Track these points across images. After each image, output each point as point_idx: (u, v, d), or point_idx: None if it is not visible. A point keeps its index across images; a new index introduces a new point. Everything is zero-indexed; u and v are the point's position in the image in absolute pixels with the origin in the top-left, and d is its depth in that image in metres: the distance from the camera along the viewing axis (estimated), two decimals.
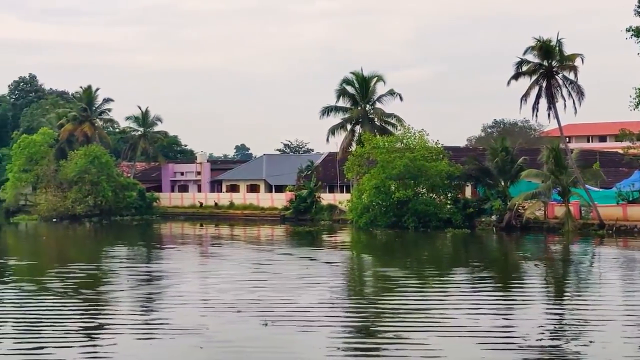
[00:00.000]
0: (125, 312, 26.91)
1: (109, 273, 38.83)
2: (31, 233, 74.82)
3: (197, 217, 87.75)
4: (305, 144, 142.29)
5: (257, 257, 45.83)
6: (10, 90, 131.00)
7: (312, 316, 25.52)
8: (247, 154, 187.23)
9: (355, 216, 67.08)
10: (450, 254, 51.67)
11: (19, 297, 30.28)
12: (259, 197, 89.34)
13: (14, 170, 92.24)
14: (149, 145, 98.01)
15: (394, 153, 65.93)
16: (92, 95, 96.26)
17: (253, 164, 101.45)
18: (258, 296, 29.15)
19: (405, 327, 23.59)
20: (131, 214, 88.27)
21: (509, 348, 21.10)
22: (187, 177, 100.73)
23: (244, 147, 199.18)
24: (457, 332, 22.78)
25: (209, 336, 22.33)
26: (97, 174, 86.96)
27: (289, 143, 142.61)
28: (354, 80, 76.03)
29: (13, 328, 24.37)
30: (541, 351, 20.97)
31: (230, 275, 35.91)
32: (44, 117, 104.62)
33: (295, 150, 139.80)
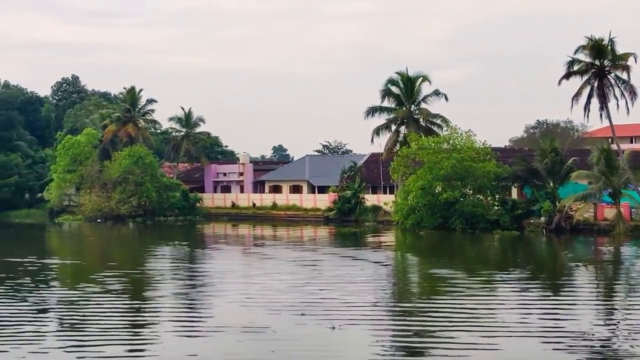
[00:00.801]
0: (187, 312, 27.31)
1: (163, 273, 39.28)
2: (78, 233, 75.83)
3: (240, 217, 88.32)
4: (344, 145, 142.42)
5: (308, 258, 46.09)
6: (53, 92, 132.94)
7: (375, 318, 25.65)
8: (285, 154, 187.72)
9: (401, 217, 67.07)
10: (502, 255, 51.35)
11: (79, 297, 30.87)
12: (302, 197, 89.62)
13: (59, 170, 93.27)
14: (191, 146, 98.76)
15: (441, 154, 65.79)
16: (136, 96, 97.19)
17: (295, 164, 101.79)
18: (319, 297, 29.30)
19: (468, 328, 23.68)
20: (174, 214, 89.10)
21: (561, 348, 21.29)
22: (229, 178, 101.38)
23: (282, 147, 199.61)
24: (513, 332, 23.07)
25: (278, 338, 22.42)
26: (141, 175, 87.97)
27: (328, 144, 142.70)
28: (399, 81, 76.03)
29: (75, 326, 24.96)
30: (603, 352, 20.97)
31: (285, 276, 36.18)
32: (87, 118, 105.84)
33: (334, 151, 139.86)
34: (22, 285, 34.64)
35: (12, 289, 33.12)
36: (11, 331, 23.90)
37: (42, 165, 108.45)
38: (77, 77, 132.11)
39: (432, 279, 35.93)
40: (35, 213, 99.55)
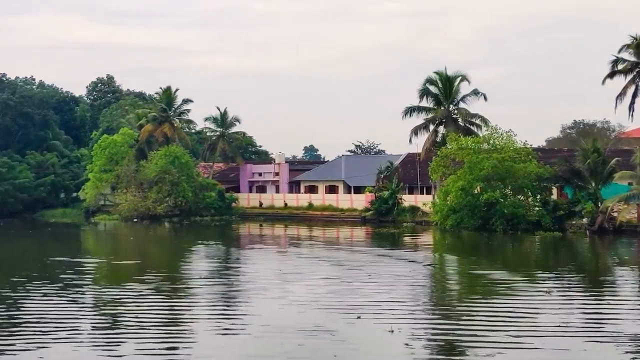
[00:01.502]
0: (239, 312, 27.43)
1: (208, 273, 39.58)
2: (116, 233, 76.46)
3: (276, 217, 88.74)
4: (377, 145, 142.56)
5: (351, 259, 46.16)
6: (89, 91, 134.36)
7: (428, 320, 25.78)
8: (316, 154, 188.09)
9: (441, 218, 67.04)
10: (544, 256, 51.08)
11: (130, 296, 31.25)
12: (338, 198, 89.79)
13: (95, 170, 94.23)
14: (227, 146, 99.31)
15: (482, 154, 65.65)
16: (172, 95, 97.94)
17: (331, 164, 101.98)
18: (370, 299, 29.39)
19: (521, 329, 23.71)
20: (210, 214, 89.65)
21: (603, 349, 21.51)
22: (265, 178, 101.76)
23: (313, 148, 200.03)
24: (555, 333, 23.23)
25: (337, 340, 22.46)
26: (177, 174, 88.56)
27: (361, 144, 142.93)
28: (437, 80, 76.04)
29: (129, 325, 25.30)
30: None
31: (331, 277, 36.36)
32: (123, 118, 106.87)
33: (367, 151, 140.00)
34: (76, 284, 35.20)
35: (66, 287, 33.64)
36: (69, 329, 24.34)
37: (77, 164, 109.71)
38: (112, 77, 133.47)
39: (478, 280, 35.87)
40: (71, 212, 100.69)
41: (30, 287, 33.63)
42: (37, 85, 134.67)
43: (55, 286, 34.06)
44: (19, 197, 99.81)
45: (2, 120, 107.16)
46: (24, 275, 37.71)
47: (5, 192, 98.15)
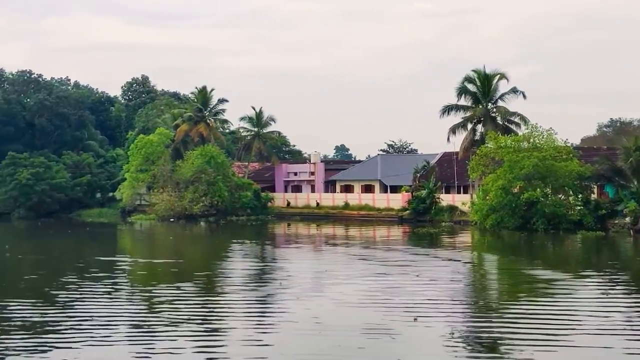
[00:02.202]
0: (296, 311, 27.45)
1: (256, 272, 39.89)
2: (155, 233, 77.00)
3: (312, 217, 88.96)
4: (409, 144, 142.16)
5: (395, 258, 46.12)
6: (124, 92, 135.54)
7: (484, 323, 25.65)
8: (347, 154, 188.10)
9: (481, 217, 66.78)
10: (587, 256, 50.70)
11: (180, 296, 31.57)
12: (375, 197, 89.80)
13: (131, 170, 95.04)
14: (262, 145, 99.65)
15: (522, 152, 65.31)
16: (207, 95, 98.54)
17: (367, 164, 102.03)
18: (422, 299, 29.49)
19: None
20: (246, 214, 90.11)
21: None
22: (300, 178, 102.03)
23: (344, 147, 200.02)
24: (597, 332, 23.38)
25: (399, 341, 22.47)
26: (213, 174, 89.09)
27: (393, 143, 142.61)
28: (475, 78, 75.77)
29: (186, 326, 25.58)
30: None
31: (378, 276, 36.43)
32: (159, 118, 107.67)
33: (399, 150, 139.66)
34: (126, 284, 35.66)
35: (117, 288, 34.06)
36: (124, 330, 24.74)
37: (112, 164, 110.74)
38: (146, 77, 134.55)
39: (525, 280, 35.72)
40: (107, 212, 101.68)
41: (81, 287, 34.09)
42: (72, 85, 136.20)
43: (105, 286, 34.49)
44: (56, 197, 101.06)
45: (39, 120, 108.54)
46: (72, 276, 38.28)
47: (43, 192, 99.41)
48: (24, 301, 30.12)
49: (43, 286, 34.48)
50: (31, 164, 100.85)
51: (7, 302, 29.83)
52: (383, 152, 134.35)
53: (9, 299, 30.53)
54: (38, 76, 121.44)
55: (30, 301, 30.07)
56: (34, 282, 36.92)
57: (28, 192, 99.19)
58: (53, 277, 37.77)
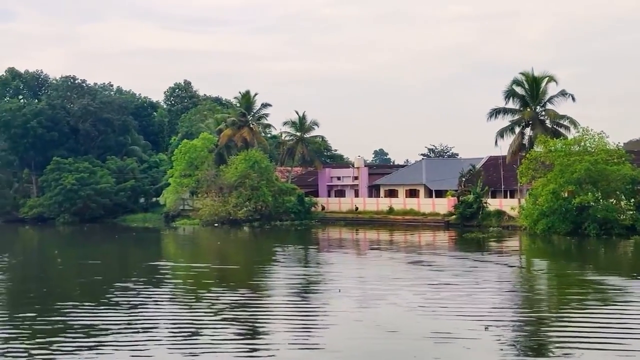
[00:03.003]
0: (360, 319, 27.32)
1: (314, 277, 39.97)
2: (202, 238, 77.40)
3: (357, 222, 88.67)
4: (450, 148, 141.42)
5: (450, 263, 45.95)
6: (166, 97, 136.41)
7: (551, 331, 25.36)
8: (386, 158, 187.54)
9: (531, 222, 65.94)
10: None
11: (257, 301, 31.75)
12: (420, 202, 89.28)
13: (175, 175, 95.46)
14: (306, 150, 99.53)
15: (573, 156, 64.42)
16: (251, 100, 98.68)
17: (411, 168, 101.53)
18: (489, 307, 29.29)
19: None
20: (290, 219, 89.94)
21: None
22: (344, 182, 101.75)
23: (382, 151, 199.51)
24: None
25: (477, 352, 22.29)
26: (257, 179, 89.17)
27: (433, 147, 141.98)
28: (523, 81, 74.95)
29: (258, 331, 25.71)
30: None
31: (440, 282, 36.30)
32: (202, 123, 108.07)
33: (440, 154, 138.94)
34: (185, 289, 35.86)
35: (176, 292, 34.28)
36: (188, 335, 24.96)
37: (155, 169, 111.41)
38: (189, 83, 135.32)
39: (586, 286, 35.21)
40: (151, 217, 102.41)
41: (141, 292, 34.43)
42: (114, 91, 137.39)
43: (165, 291, 34.84)
44: (100, 202, 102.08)
45: (83, 126, 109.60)
46: (130, 281, 38.69)
47: (87, 197, 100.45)
48: (87, 305, 30.52)
49: (102, 291, 34.86)
50: (76, 169, 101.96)
51: (69, 306, 30.31)
52: (424, 157, 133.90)
53: (71, 304, 31.00)
54: (82, 81, 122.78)
55: (92, 305, 30.48)
56: (92, 286, 37.47)
57: (73, 197, 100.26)
58: (111, 282, 38.21)
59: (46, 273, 44.80)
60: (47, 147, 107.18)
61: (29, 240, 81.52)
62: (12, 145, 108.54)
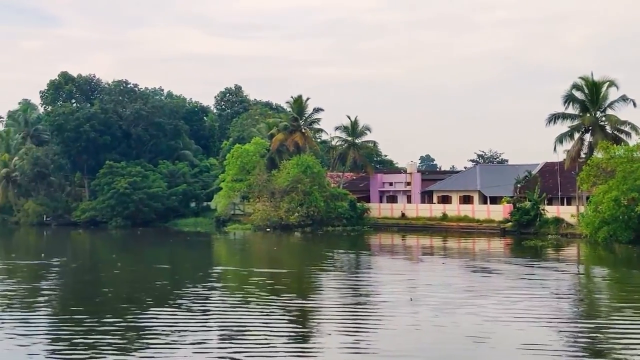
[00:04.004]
0: (451, 327, 27.07)
1: (380, 285, 39.65)
2: (255, 242, 77.52)
3: (410, 228, 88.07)
4: (500, 154, 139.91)
5: (519, 271, 45.32)
6: (217, 101, 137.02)
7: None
8: (432, 164, 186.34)
9: (591, 230, 64.71)
10: None
11: (316, 307, 31.74)
12: (474, 208, 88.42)
13: (227, 179, 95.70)
14: (358, 155, 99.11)
15: (636, 163, 63.16)
16: (303, 104, 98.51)
17: (465, 174, 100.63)
18: (573, 315, 28.86)
19: None
20: (342, 224, 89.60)
21: None
22: (396, 188, 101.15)
23: (429, 157, 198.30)
24: None
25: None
26: (309, 184, 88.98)
27: (483, 153, 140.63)
28: (583, 86, 73.83)
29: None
30: None
31: (516, 291, 35.77)
32: (254, 127, 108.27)
33: (489, 160, 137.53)
34: (256, 294, 35.75)
35: (248, 299, 34.15)
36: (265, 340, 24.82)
37: (206, 174, 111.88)
38: (239, 87, 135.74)
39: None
40: (202, 222, 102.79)
41: (211, 297, 34.66)
42: (165, 95, 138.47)
43: (235, 296, 34.92)
44: (152, 206, 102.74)
45: (135, 130, 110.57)
46: (199, 286, 38.92)
47: (140, 201, 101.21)
48: (159, 309, 30.73)
49: (171, 295, 35.07)
50: (128, 173, 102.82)
51: (139, 310, 30.67)
52: (473, 162, 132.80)
53: (139, 307, 31.38)
54: (134, 86, 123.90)
55: (164, 309, 30.70)
56: (159, 291, 37.67)
57: (125, 201, 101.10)
58: (176, 286, 38.50)
59: (108, 277, 44.98)
60: (100, 150, 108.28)
61: (83, 244, 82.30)
62: (65, 148, 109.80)
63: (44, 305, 33.23)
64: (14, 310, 31.46)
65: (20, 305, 32.91)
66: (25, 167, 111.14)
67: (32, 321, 28.81)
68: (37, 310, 31.53)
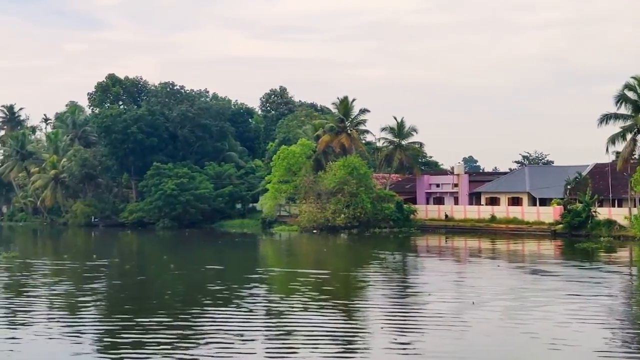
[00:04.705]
0: (540, 330, 26.84)
1: (438, 287, 39.41)
2: (304, 244, 77.70)
3: (458, 230, 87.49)
4: (545, 156, 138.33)
5: (581, 275, 44.57)
6: (262, 103, 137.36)
7: None
8: (475, 166, 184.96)
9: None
10: None
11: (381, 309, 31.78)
12: (523, 210, 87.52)
13: (273, 181, 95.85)
14: (404, 156, 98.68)
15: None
16: (349, 106, 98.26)
17: (514, 175, 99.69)
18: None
19: None
20: (389, 226, 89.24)
21: None
22: (443, 189, 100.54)
23: (472, 159, 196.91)
24: None
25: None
26: (355, 185, 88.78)
27: (528, 155, 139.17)
28: (635, 86, 72.69)
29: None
30: None
31: (581, 295, 35.29)
32: (300, 129, 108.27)
33: (535, 162, 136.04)
34: (316, 296, 35.90)
35: (310, 302, 34.26)
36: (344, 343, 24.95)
37: (252, 175, 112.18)
38: (284, 89, 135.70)
39: None
40: (248, 223, 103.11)
41: (272, 298, 35.13)
42: (210, 97, 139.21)
43: (293, 297, 35.09)
44: (199, 208, 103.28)
45: (181, 131, 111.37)
46: (255, 287, 39.22)
47: (187, 202, 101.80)
48: (219, 310, 31.12)
49: (229, 297, 35.42)
50: (175, 175, 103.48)
51: (200, 311, 31.00)
52: (518, 164, 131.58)
53: (198, 309, 31.67)
54: (180, 87, 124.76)
55: (226, 310, 31.06)
56: (216, 292, 37.77)
57: (173, 203, 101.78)
58: (233, 288, 38.66)
59: (163, 278, 45.27)
60: (146, 152, 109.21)
61: (133, 245, 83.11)
62: (112, 150, 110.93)
63: (102, 306, 33.68)
64: (75, 312, 31.93)
65: (77, 306, 33.47)
66: (73, 168, 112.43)
67: (93, 323, 29.21)
68: (93, 311, 31.99)
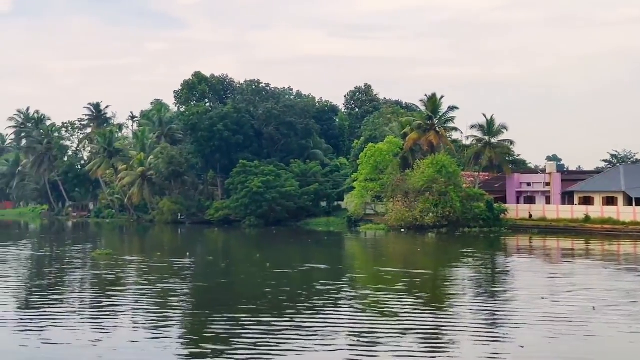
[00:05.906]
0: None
1: (549, 290, 38.78)
2: (396, 243, 77.16)
3: (550, 230, 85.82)
4: (634, 154, 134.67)
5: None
6: (346, 101, 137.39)
7: None
8: (560, 164, 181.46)
9: None
10: None
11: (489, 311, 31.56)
12: (619, 210, 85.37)
13: (360, 179, 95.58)
14: (494, 155, 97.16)
15: None
16: (437, 103, 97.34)
17: (609, 174, 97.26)
18: None
19: None
20: (479, 225, 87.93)
21: None
22: (534, 189, 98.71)
23: (556, 157, 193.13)
24: None
25: None
26: (444, 184, 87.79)
27: (616, 153, 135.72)
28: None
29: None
30: None
31: None
32: (386, 126, 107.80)
33: (623, 160, 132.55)
34: (433, 295, 35.81)
35: (429, 303, 34.10)
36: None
37: (337, 173, 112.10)
38: (369, 86, 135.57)
39: None
40: (334, 221, 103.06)
41: (382, 298, 34.87)
42: (294, 95, 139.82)
43: (400, 297, 34.98)
44: (285, 205, 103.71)
45: (267, 129, 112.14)
46: (361, 287, 39.41)
47: (273, 200, 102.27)
48: (333, 309, 31.46)
49: (338, 297, 35.58)
50: (261, 172, 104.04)
51: (313, 310, 31.26)
52: (606, 162, 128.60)
53: (309, 307, 31.78)
54: (265, 85, 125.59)
55: (338, 310, 31.35)
56: (322, 291, 37.89)
57: (259, 200, 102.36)
58: (341, 288, 38.66)
59: (261, 276, 45.32)
60: (232, 150, 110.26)
61: (221, 243, 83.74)
62: (198, 148, 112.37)
63: (217, 306, 33.69)
64: (191, 309, 32.57)
65: (194, 304, 34.31)
66: (160, 166, 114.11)
67: (213, 322, 29.63)
68: (209, 311, 32.21)
